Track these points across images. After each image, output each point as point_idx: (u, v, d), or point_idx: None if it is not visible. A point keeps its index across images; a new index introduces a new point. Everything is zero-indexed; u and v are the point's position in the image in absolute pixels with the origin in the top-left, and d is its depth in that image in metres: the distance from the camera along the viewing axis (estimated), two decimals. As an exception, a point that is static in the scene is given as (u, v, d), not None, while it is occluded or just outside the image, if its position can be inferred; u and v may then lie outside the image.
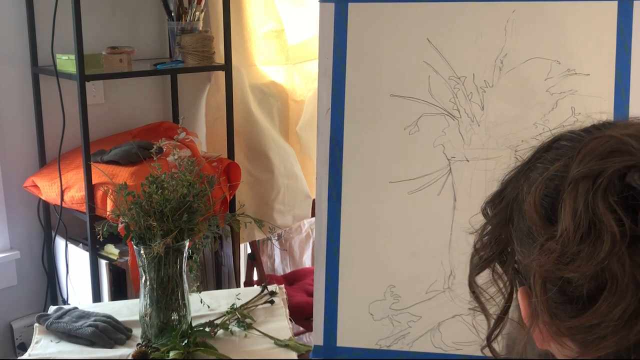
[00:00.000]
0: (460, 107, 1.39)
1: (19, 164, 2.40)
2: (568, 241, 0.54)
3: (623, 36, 1.33)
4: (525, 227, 0.61)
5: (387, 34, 1.41)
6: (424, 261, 1.41)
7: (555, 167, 0.59)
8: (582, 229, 0.54)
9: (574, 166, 0.57)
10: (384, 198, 1.42)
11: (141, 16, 2.64)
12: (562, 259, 0.55)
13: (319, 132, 1.44)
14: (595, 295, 0.54)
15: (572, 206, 0.55)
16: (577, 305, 0.56)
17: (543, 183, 0.59)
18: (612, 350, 0.54)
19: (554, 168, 0.59)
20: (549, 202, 0.58)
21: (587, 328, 0.55)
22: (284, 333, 1.69)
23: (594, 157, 0.56)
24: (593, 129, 0.63)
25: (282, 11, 2.78)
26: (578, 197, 0.55)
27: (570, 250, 0.54)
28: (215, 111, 2.75)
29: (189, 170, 1.58)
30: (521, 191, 0.64)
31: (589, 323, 0.54)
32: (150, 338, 1.60)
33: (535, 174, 0.62)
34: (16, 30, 2.32)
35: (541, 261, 0.56)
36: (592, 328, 0.54)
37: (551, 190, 0.58)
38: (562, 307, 0.57)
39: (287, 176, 2.83)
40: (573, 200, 0.55)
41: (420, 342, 1.42)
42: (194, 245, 1.67)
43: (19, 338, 2.45)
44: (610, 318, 0.53)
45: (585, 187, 0.55)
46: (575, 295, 0.55)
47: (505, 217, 0.66)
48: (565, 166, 0.58)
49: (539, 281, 0.57)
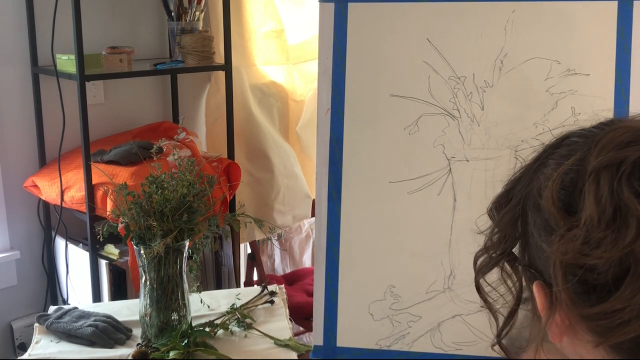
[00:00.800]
0: (460, 107, 1.39)
1: (19, 164, 2.40)
2: (592, 228, 0.56)
3: (623, 36, 1.33)
4: (541, 221, 0.63)
5: (387, 34, 1.41)
6: (424, 261, 1.41)
7: (571, 161, 0.61)
8: (607, 215, 0.55)
9: (592, 158, 0.58)
10: (384, 198, 1.42)
11: (141, 16, 2.64)
12: (586, 246, 0.56)
13: (318, 132, 1.44)
14: (619, 281, 0.55)
15: (596, 194, 0.56)
16: (600, 293, 0.56)
17: (559, 177, 0.61)
18: (635, 334, 0.55)
19: (570, 162, 0.61)
20: (565, 195, 0.60)
21: (610, 314, 0.55)
22: (284, 333, 1.69)
23: (613, 147, 0.58)
24: (602, 125, 0.65)
25: (282, 11, 2.78)
26: (601, 185, 0.56)
27: (595, 237, 0.56)
28: (215, 111, 2.75)
29: (189, 170, 1.58)
30: (533, 188, 0.65)
31: (612, 308, 0.55)
32: (150, 338, 1.60)
33: (549, 169, 0.64)
34: (16, 30, 2.32)
35: (563, 249, 0.57)
36: (616, 313, 0.55)
37: (567, 184, 0.60)
38: (584, 296, 0.58)
39: (287, 176, 2.83)
40: (596, 189, 0.57)
41: (420, 342, 1.42)
42: (194, 245, 1.67)
43: (19, 338, 2.45)
44: (635, 302, 0.54)
45: (609, 175, 0.56)
46: (599, 283, 0.56)
47: (515, 215, 0.68)
48: (580, 160, 0.60)
49: (560, 271, 0.58)
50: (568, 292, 0.58)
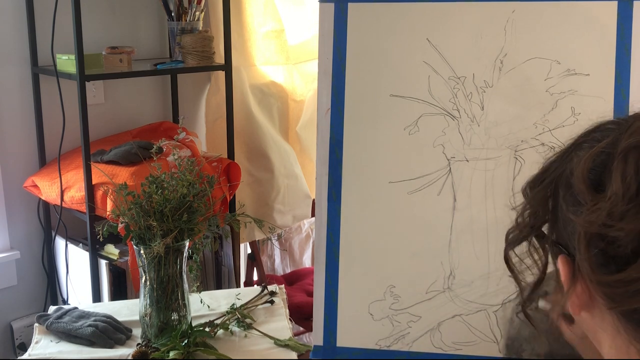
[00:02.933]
0: (460, 107, 1.39)
1: (19, 164, 2.40)
2: (617, 201, 0.61)
3: (623, 36, 1.33)
4: (570, 197, 0.69)
5: (387, 34, 1.41)
6: (424, 261, 1.41)
7: (604, 143, 0.67)
8: (631, 191, 0.61)
9: (623, 140, 0.64)
10: (384, 198, 1.42)
11: (141, 16, 2.64)
12: (610, 219, 0.62)
13: (318, 132, 1.44)
14: (636, 253, 0.61)
15: (623, 171, 0.62)
16: (618, 263, 0.62)
17: (591, 157, 0.66)
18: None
19: (602, 144, 0.67)
20: (595, 175, 0.66)
21: (627, 282, 0.61)
22: (284, 333, 1.69)
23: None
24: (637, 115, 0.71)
25: (282, 11, 2.78)
26: (629, 163, 0.62)
27: (619, 210, 0.61)
28: (215, 111, 2.75)
29: (189, 170, 1.58)
30: (566, 168, 0.71)
31: (629, 278, 0.61)
32: (150, 338, 1.60)
33: (582, 152, 0.70)
34: (16, 30, 2.32)
35: (589, 221, 0.63)
36: (632, 283, 0.61)
37: (598, 164, 0.66)
38: (603, 266, 0.63)
39: (287, 176, 2.83)
40: (623, 166, 0.63)
41: (420, 342, 1.42)
42: (194, 245, 1.67)
43: (19, 338, 2.45)
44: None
45: (636, 155, 0.63)
46: (618, 254, 0.62)
47: (547, 193, 0.74)
48: (612, 143, 0.66)
49: (584, 242, 0.64)
50: (589, 261, 0.64)
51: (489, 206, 1.37)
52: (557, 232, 0.72)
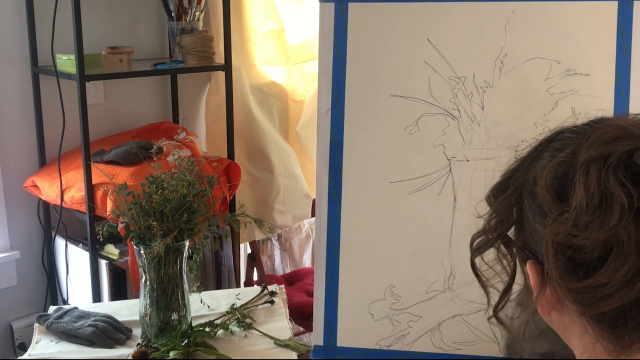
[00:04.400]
0: (460, 107, 1.39)
1: (19, 164, 2.40)
2: (581, 212, 0.63)
3: (623, 36, 1.34)
4: (535, 207, 0.70)
5: (387, 34, 1.41)
6: (424, 261, 1.41)
7: (565, 153, 0.68)
8: (595, 201, 0.63)
9: (583, 151, 0.66)
10: (383, 198, 1.42)
11: (141, 16, 2.64)
12: (575, 228, 0.64)
13: (319, 132, 1.44)
14: (602, 259, 0.62)
15: (585, 183, 0.64)
16: (586, 270, 0.64)
17: (553, 167, 0.68)
18: (615, 306, 0.63)
19: (564, 154, 0.68)
20: (558, 184, 0.67)
21: (594, 288, 0.63)
22: (284, 333, 1.69)
23: (602, 142, 0.65)
24: (592, 122, 0.73)
25: (282, 11, 2.78)
26: (590, 175, 0.64)
27: (583, 220, 0.63)
28: (215, 111, 2.75)
29: (189, 170, 1.58)
30: (529, 177, 0.73)
31: (596, 283, 0.63)
32: (150, 338, 1.60)
33: (544, 161, 0.71)
34: (16, 30, 2.32)
35: (555, 231, 0.65)
36: (599, 288, 0.63)
37: (560, 174, 0.67)
38: (571, 273, 0.65)
39: (287, 176, 2.83)
40: (585, 178, 0.64)
41: (420, 342, 1.42)
42: (194, 245, 1.67)
43: (19, 338, 2.45)
44: (615, 278, 0.61)
45: (597, 167, 0.64)
46: (585, 261, 0.64)
47: (511, 202, 0.76)
48: (572, 153, 0.67)
49: (552, 250, 0.66)
50: (558, 269, 0.66)
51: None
52: (524, 238, 0.74)
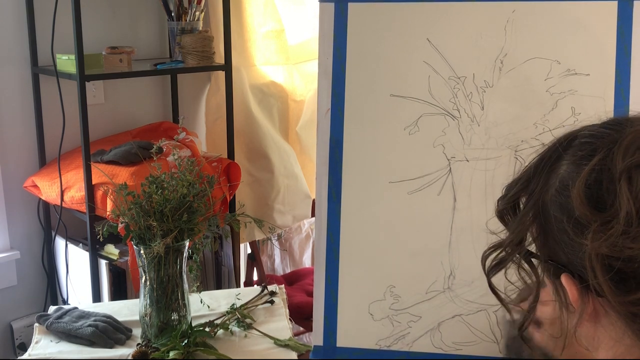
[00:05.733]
0: (460, 107, 1.39)
1: (19, 164, 2.40)
2: (631, 222, 0.61)
3: (623, 36, 1.33)
4: (569, 219, 0.66)
5: (387, 34, 1.41)
6: (424, 261, 1.41)
7: (595, 160, 0.65)
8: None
9: (618, 157, 0.63)
10: (384, 198, 1.42)
11: (141, 16, 2.64)
12: (626, 240, 0.61)
13: (318, 132, 1.44)
14: None
15: (631, 191, 0.61)
16: (638, 280, 0.62)
17: (584, 177, 0.65)
18: None
19: (594, 162, 0.65)
20: (592, 193, 0.64)
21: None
22: (284, 333, 1.69)
23: (638, 148, 0.62)
24: (611, 125, 0.69)
25: (282, 11, 2.78)
26: (635, 182, 0.61)
27: (635, 230, 0.60)
28: (215, 111, 2.75)
29: (189, 170, 1.58)
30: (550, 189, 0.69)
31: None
32: (150, 338, 1.60)
33: (564, 171, 0.68)
34: (16, 30, 2.32)
35: (601, 243, 0.62)
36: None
37: (592, 183, 0.64)
38: (621, 285, 0.62)
39: (287, 176, 2.83)
40: (630, 187, 0.61)
41: (420, 342, 1.42)
42: (194, 245, 1.67)
43: (19, 338, 2.45)
44: None
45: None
46: (637, 271, 0.61)
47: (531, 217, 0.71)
48: (602, 160, 0.64)
49: (598, 264, 0.62)
50: (608, 283, 0.63)
51: (489, 206, 1.37)
52: (550, 251, 0.70)
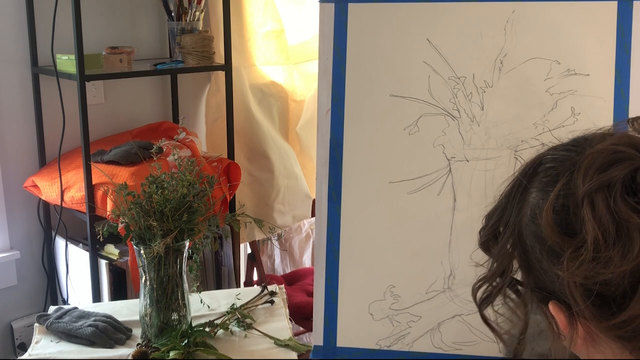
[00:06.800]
0: (460, 107, 1.39)
1: (19, 164, 2.40)
2: (599, 248, 0.59)
3: (623, 36, 1.33)
4: (543, 248, 0.66)
5: (387, 34, 1.41)
6: (424, 261, 1.41)
7: (558, 186, 0.64)
8: (611, 234, 0.59)
9: (579, 182, 0.62)
10: (383, 198, 1.42)
11: (141, 16, 2.64)
12: (597, 265, 0.60)
13: (318, 132, 1.44)
14: (634, 287, 0.59)
15: (594, 216, 0.60)
16: (619, 301, 0.60)
17: (551, 204, 0.64)
18: None
19: (557, 188, 0.64)
20: (560, 219, 0.63)
21: (633, 319, 0.60)
22: (284, 333, 1.69)
23: (596, 170, 0.61)
24: (572, 147, 0.68)
25: (282, 11, 2.78)
26: (598, 207, 0.60)
27: (604, 256, 0.59)
28: (215, 111, 2.75)
29: (189, 170, 1.58)
30: (524, 217, 0.69)
31: (636, 313, 0.60)
32: (150, 338, 1.60)
33: (533, 198, 0.68)
34: (16, 30, 2.32)
35: (575, 271, 0.61)
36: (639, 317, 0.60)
37: (559, 208, 0.64)
38: (604, 308, 0.62)
39: (287, 176, 2.83)
40: (593, 211, 0.60)
41: (420, 342, 1.42)
42: (194, 245, 1.67)
43: (19, 338, 2.45)
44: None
45: (602, 197, 0.60)
46: (616, 293, 0.60)
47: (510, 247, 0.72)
48: (565, 185, 0.63)
49: (577, 291, 0.62)
50: (590, 308, 0.62)
51: (489, 206, 1.37)
52: (535, 279, 0.70)
